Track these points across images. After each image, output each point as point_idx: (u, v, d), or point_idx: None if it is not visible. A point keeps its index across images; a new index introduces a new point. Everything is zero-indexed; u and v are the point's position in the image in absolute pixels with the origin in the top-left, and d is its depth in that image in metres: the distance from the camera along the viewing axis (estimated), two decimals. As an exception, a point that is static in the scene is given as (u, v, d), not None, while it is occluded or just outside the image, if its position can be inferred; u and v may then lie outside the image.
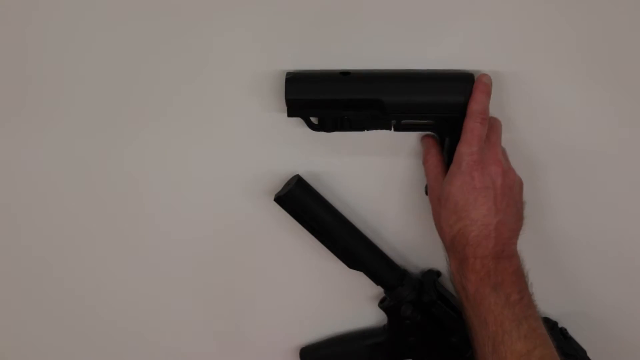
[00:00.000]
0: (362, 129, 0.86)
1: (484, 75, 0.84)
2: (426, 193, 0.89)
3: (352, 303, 1.00)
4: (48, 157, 0.89)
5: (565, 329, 0.99)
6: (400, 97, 0.84)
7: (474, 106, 0.83)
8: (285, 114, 0.84)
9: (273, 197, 0.90)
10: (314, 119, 0.86)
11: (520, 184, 0.86)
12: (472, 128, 0.83)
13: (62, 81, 0.86)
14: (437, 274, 0.96)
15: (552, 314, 0.99)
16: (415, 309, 0.94)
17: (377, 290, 0.97)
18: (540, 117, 0.88)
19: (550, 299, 0.94)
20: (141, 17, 0.83)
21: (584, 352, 0.98)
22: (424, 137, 0.89)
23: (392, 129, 0.86)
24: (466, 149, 0.83)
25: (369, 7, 0.83)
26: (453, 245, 0.83)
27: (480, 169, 0.82)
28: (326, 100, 0.84)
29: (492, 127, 0.85)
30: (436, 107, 0.84)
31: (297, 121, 0.87)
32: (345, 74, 0.84)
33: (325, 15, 0.83)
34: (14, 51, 0.84)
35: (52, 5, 0.82)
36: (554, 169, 0.92)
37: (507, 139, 0.86)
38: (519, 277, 0.82)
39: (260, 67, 0.85)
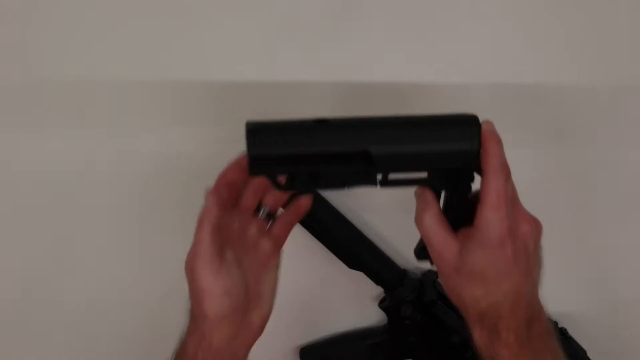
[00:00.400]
0: (341, 187, 0.72)
1: (488, 122, 0.72)
2: (418, 255, 0.81)
3: (352, 303, 1.00)
4: (46, 157, 0.89)
5: (565, 329, 0.99)
6: (393, 147, 0.70)
7: (493, 161, 0.70)
8: None
9: (273, 197, 0.90)
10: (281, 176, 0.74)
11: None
12: (498, 189, 0.70)
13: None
14: (437, 274, 0.96)
15: (552, 314, 0.99)
16: (416, 309, 0.94)
17: (377, 290, 0.97)
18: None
19: (550, 298, 0.94)
20: (139, 18, 0.83)
21: (584, 352, 0.98)
22: (419, 190, 0.76)
23: (378, 185, 0.73)
24: (494, 215, 0.70)
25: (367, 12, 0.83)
26: (481, 319, 0.74)
27: (512, 235, 0.71)
28: (300, 155, 0.70)
29: None
30: (438, 158, 0.71)
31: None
32: (321, 122, 0.71)
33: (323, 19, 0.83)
34: (13, 51, 0.84)
35: (52, 6, 0.82)
36: (556, 168, 0.92)
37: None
38: (550, 335, 0.76)
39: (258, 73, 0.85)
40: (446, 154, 0.71)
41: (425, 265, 0.98)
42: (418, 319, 0.94)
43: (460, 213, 0.74)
